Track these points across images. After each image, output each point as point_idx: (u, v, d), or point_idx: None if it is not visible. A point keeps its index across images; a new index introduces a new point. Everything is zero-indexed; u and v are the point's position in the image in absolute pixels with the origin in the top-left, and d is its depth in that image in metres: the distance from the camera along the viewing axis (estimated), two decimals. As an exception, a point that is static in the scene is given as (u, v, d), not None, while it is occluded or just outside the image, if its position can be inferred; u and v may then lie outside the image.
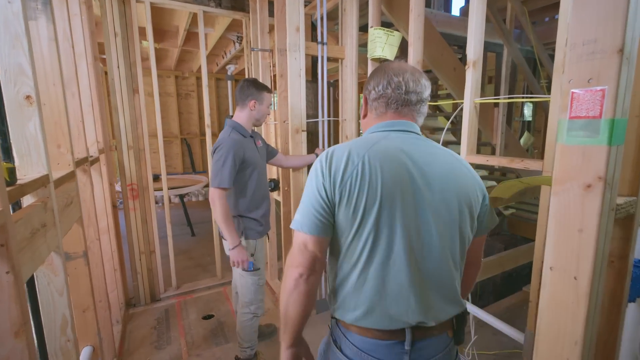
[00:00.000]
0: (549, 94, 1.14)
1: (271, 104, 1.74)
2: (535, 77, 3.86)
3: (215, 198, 1.51)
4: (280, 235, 2.58)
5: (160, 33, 4.03)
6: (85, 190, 1.65)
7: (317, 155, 2.07)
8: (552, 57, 3.39)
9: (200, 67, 5.76)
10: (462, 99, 1.78)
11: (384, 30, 1.87)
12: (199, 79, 6.17)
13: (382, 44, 1.88)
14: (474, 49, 1.37)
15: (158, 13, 3.40)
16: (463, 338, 0.80)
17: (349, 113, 2.25)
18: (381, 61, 2.11)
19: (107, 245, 2.04)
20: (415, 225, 0.71)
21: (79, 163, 1.50)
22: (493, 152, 3.64)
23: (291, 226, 0.76)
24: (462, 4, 3.51)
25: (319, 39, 2.08)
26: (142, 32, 3.84)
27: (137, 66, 2.29)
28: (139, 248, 2.42)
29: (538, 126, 5.49)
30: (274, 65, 2.37)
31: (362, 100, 0.85)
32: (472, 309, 1.63)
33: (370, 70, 2.04)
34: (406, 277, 0.71)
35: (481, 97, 1.44)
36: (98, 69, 2.16)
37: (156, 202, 5.54)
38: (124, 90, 2.26)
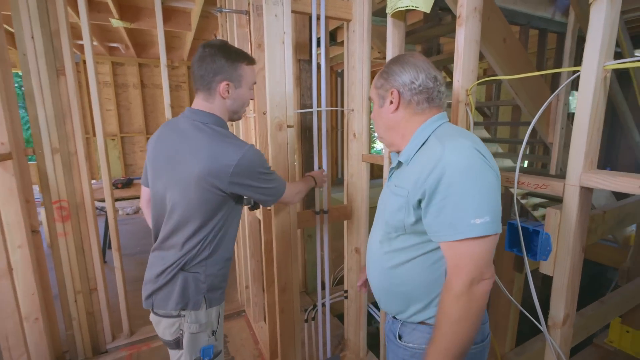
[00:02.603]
0: None
1: (255, 84, 1.07)
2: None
3: (285, 198, 1.11)
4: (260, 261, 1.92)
5: (134, 10, 3.39)
6: None
7: (315, 181, 1.39)
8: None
9: (190, 55, 5.14)
10: (510, 77, 1.10)
11: (413, -34, 1.17)
12: (190, 68, 5.53)
13: (410, -12, 1.18)
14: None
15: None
16: None
17: (358, 101, 1.56)
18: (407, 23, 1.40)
19: (7, 294, 1.42)
20: None
21: None
22: (545, 152, 2.91)
23: (481, 233, 0.65)
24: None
25: (313, -11, 1.39)
26: (106, 7, 3.22)
27: (61, 38, 1.64)
28: (74, 286, 1.80)
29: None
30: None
31: (388, 94, 0.81)
32: None
33: (391, 45, 1.33)
34: None
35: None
36: (2, 39, 1.53)
37: (127, 213, 4.97)
38: (42, 70, 1.62)
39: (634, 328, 1.89)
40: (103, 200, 2.48)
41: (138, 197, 3.36)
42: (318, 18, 1.43)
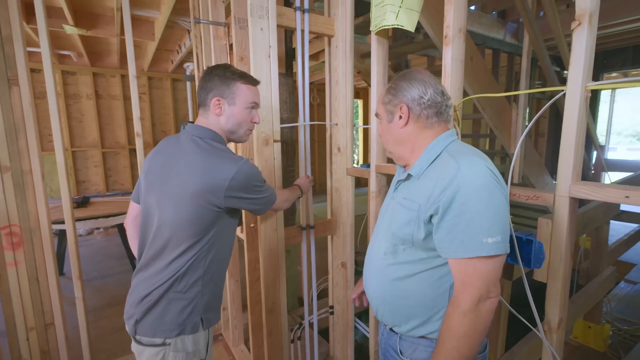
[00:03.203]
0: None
1: (255, 105, 1.02)
2: (531, 77, 3.41)
3: (275, 205, 1.11)
4: (243, 280, 1.83)
5: (90, 17, 3.18)
6: None
7: (301, 190, 1.37)
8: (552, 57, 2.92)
9: (151, 65, 4.91)
10: (477, 95, 1.18)
11: (397, -13, 1.22)
12: (151, 79, 5.29)
13: (395, 7, 1.22)
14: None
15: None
16: None
17: (342, 115, 1.57)
18: (391, 35, 1.45)
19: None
20: None
21: None
22: (503, 162, 3.11)
23: (492, 252, 0.67)
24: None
25: (297, 4, 1.39)
26: (60, 13, 2.99)
27: (14, 44, 1.48)
28: (25, 323, 1.58)
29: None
30: (232, 48, 1.65)
31: (397, 109, 0.82)
32: None
33: (375, 61, 1.35)
34: None
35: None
36: (-59, 45, 1.34)
37: (80, 235, 4.52)
38: (-9, 80, 1.44)
39: (595, 323, 2.05)
40: (57, 223, 2.25)
41: (95, 218, 3.08)
42: (302, 33, 1.42)
